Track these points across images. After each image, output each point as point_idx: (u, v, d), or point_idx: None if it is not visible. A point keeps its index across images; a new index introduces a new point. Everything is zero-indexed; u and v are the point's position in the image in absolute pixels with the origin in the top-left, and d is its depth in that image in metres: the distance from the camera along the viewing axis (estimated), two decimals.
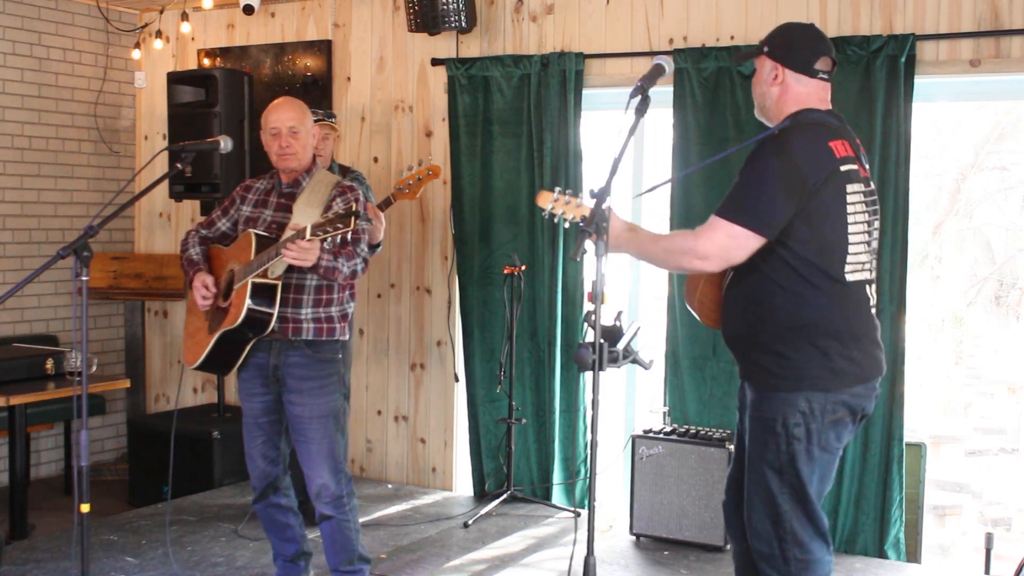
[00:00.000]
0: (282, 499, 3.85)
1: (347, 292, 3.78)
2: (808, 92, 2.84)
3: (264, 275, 3.52)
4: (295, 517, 3.91)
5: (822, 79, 2.86)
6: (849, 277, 2.75)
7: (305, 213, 3.60)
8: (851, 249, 2.74)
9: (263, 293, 3.54)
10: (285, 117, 3.70)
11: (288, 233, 3.46)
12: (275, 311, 3.56)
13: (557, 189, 2.97)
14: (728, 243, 2.69)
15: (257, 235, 3.61)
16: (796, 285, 2.73)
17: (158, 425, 5.74)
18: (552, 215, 2.95)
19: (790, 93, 2.84)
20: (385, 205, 4.81)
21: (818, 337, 2.73)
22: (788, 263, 2.71)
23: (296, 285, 3.63)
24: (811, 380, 2.73)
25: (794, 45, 2.85)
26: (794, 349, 2.73)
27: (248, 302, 3.51)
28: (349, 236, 3.33)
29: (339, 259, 3.56)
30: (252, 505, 3.91)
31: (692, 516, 4.57)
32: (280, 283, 3.56)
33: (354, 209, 3.27)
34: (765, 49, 2.87)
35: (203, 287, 3.72)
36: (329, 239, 3.30)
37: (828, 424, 2.75)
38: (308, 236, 3.30)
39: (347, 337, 3.82)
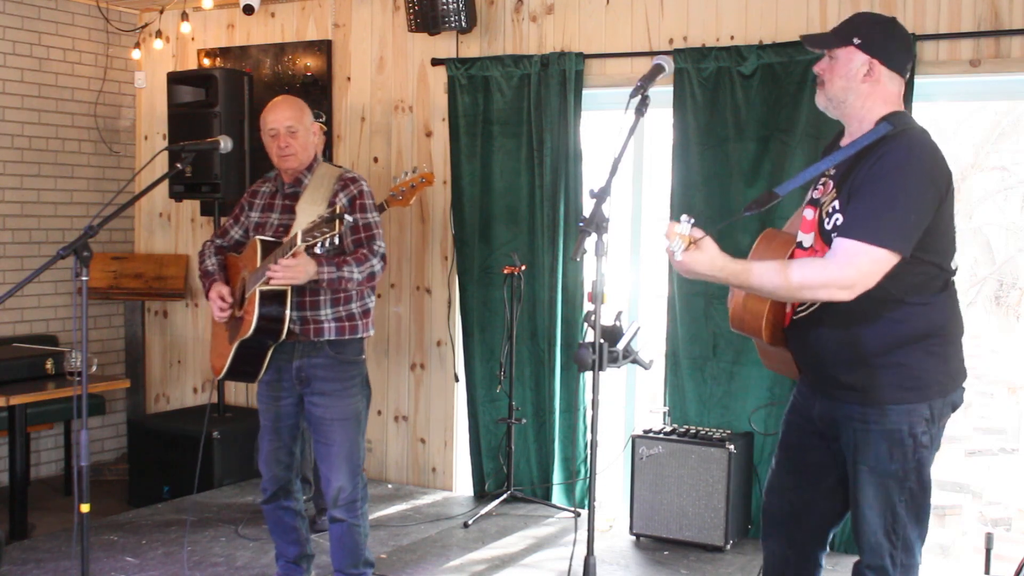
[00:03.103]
0: (291, 503, 3.84)
1: (366, 287, 3.71)
2: (898, 93, 2.69)
3: (270, 282, 3.47)
4: (302, 520, 3.89)
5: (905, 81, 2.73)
6: (955, 269, 2.74)
7: (308, 213, 3.55)
8: (955, 245, 2.73)
9: (272, 300, 3.49)
10: (282, 117, 3.66)
11: (288, 243, 3.40)
12: (287, 317, 3.51)
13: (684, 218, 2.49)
14: (872, 268, 2.51)
15: (263, 241, 3.57)
16: (917, 296, 2.63)
17: (158, 425, 5.74)
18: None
19: (882, 92, 2.65)
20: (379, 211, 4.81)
21: (939, 343, 2.67)
22: (911, 274, 2.60)
23: (311, 288, 3.56)
24: (936, 387, 2.68)
25: (893, 40, 2.69)
26: (917, 359, 2.65)
27: (257, 311, 3.47)
28: (338, 240, 3.25)
29: (345, 268, 3.49)
30: (260, 505, 3.89)
31: (692, 516, 4.57)
32: (289, 288, 3.50)
33: (338, 212, 3.19)
34: (856, 41, 2.64)
35: (219, 298, 3.67)
36: (319, 245, 3.22)
37: (942, 426, 2.74)
38: (299, 243, 3.25)
39: (371, 333, 3.78)
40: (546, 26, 5.26)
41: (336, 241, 3.24)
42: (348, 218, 3.24)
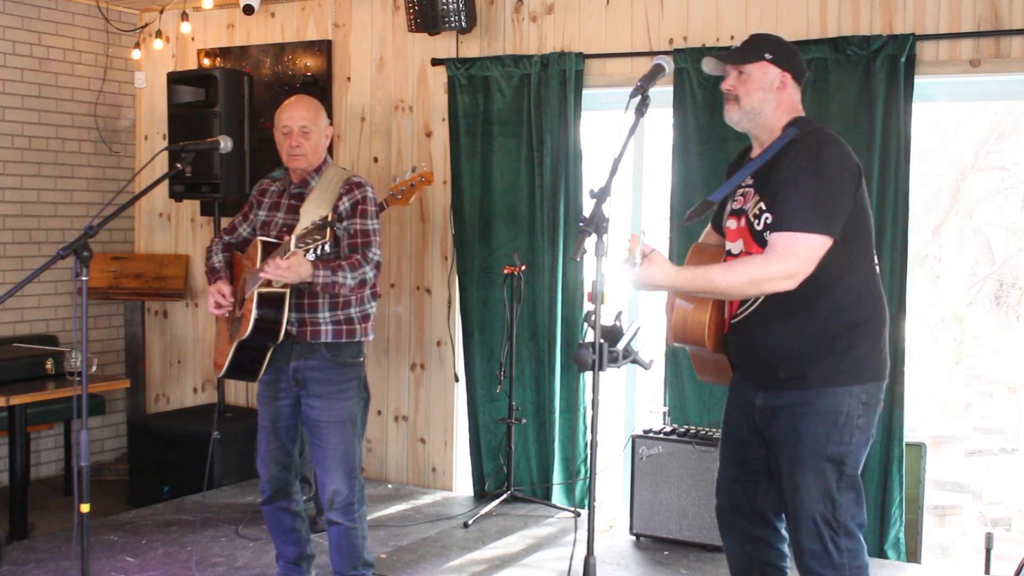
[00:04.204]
0: (291, 503, 3.84)
1: (367, 292, 3.72)
2: (799, 101, 2.94)
3: (269, 284, 3.48)
4: (301, 521, 3.89)
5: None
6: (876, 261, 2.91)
7: (312, 215, 3.56)
8: (873, 234, 2.91)
9: (270, 302, 3.51)
10: (297, 116, 3.66)
11: (282, 247, 3.42)
12: (284, 319, 3.53)
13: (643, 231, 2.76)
14: (809, 255, 2.70)
15: (263, 242, 3.59)
16: (846, 283, 2.79)
17: (158, 425, 5.75)
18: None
19: (788, 101, 2.89)
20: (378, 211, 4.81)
21: (870, 329, 2.83)
22: (839, 263, 2.75)
23: (310, 290, 3.58)
24: (870, 371, 2.83)
25: (795, 55, 2.93)
26: (854, 344, 2.80)
27: (254, 312, 3.49)
28: (328, 247, 3.28)
29: (340, 273, 3.50)
30: (260, 506, 3.90)
31: (692, 516, 4.57)
32: (287, 291, 3.53)
33: (330, 220, 3.23)
34: (768, 56, 2.87)
35: (218, 294, 3.70)
36: (311, 250, 3.26)
37: (875, 415, 2.87)
38: (292, 248, 3.27)
39: (369, 338, 3.78)
40: (546, 26, 5.26)
41: (327, 248, 3.29)
42: (339, 226, 3.27)
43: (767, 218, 2.79)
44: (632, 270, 2.61)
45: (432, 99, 5.57)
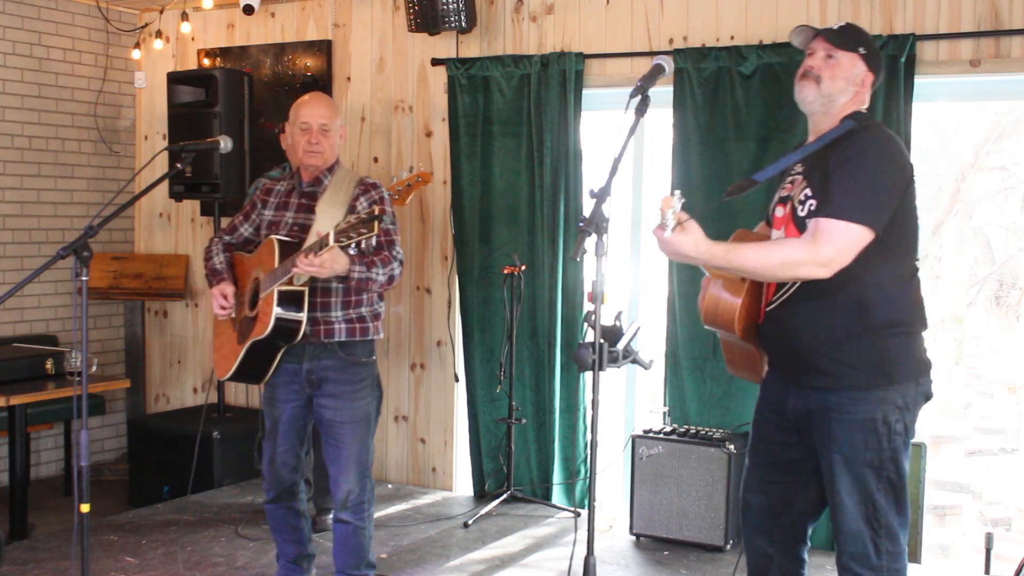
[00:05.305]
0: (297, 503, 3.82)
1: (385, 289, 3.69)
2: (867, 101, 2.88)
3: (290, 283, 3.44)
4: (305, 520, 3.88)
5: None
6: (919, 264, 2.86)
7: (328, 214, 3.54)
8: (919, 238, 2.87)
9: (290, 301, 3.47)
10: (317, 113, 3.67)
11: (312, 239, 3.38)
12: (304, 319, 3.50)
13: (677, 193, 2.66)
14: (847, 245, 2.63)
15: (280, 241, 3.54)
16: (888, 283, 2.73)
17: (158, 425, 5.75)
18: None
19: (859, 98, 2.84)
20: None
21: (908, 330, 2.77)
22: (883, 261, 2.70)
23: (323, 288, 3.56)
24: (904, 374, 2.75)
25: (881, 62, 2.91)
26: (887, 344, 2.73)
27: (275, 311, 3.45)
28: (374, 241, 3.24)
29: (373, 269, 3.49)
30: (264, 505, 3.88)
31: (692, 516, 4.57)
32: (306, 289, 3.49)
33: (377, 213, 3.16)
34: (862, 51, 2.82)
35: (221, 296, 3.68)
36: (353, 245, 3.20)
37: (915, 415, 2.80)
38: (331, 243, 3.20)
39: (380, 336, 3.77)
40: (546, 26, 5.26)
41: (373, 243, 3.25)
42: (390, 224, 3.23)
43: (811, 204, 2.73)
44: (663, 234, 2.55)
45: (432, 99, 5.57)
